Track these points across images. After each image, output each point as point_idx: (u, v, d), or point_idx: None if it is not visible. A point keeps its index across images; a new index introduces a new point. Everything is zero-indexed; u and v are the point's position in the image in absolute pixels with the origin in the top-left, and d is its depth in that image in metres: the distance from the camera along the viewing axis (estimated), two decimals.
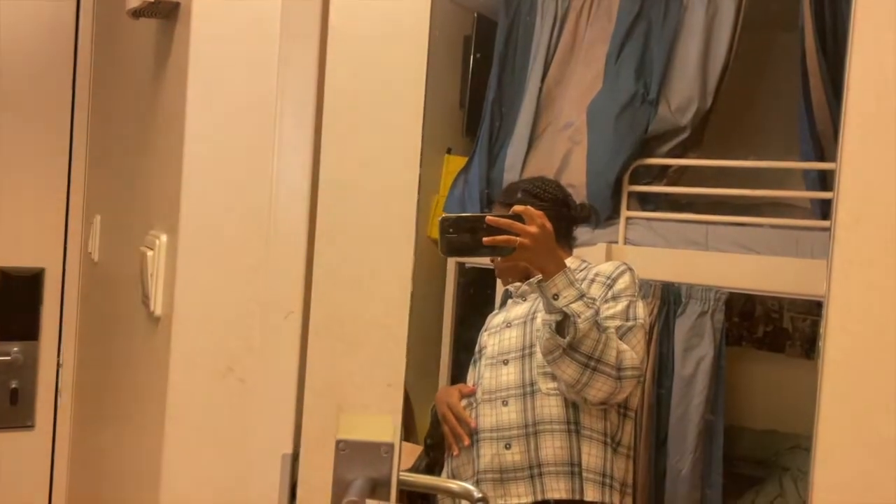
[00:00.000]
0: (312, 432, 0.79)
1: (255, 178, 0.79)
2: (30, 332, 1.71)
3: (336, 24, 0.79)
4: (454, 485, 0.85)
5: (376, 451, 0.78)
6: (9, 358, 1.68)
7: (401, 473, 0.79)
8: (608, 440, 1.58)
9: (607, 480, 1.56)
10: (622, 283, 1.59)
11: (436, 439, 1.66)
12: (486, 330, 1.71)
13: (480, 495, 0.79)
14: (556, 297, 1.45)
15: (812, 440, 0.83)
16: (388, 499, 0.78)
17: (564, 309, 1.44)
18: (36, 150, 1.68)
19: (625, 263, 1.64)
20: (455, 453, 1.60)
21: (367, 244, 0.79)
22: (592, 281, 1.61)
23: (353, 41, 0.79)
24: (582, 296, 1.46)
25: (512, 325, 1.61)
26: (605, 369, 1.46)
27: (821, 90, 2.53)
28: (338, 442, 0.78)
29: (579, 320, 1.43)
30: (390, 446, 0.78)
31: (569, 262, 1.65)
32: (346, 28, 0.79)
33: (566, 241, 1.73)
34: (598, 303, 1.56)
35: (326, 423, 0.79)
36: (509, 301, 1.73)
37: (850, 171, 0.76)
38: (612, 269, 1.62)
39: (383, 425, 0.78)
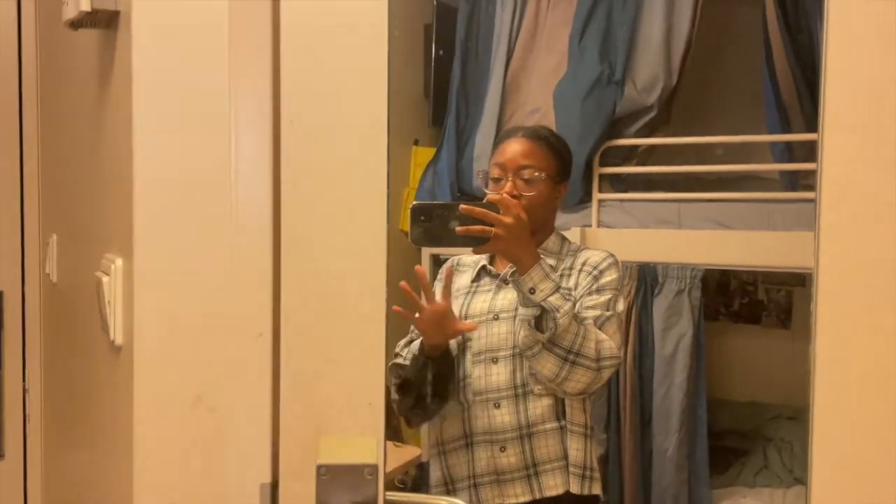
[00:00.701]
0: (291, 459, 0.75)
1: (212, 193, 0.74)
2: None
3: (288, 21, 0.74)
4: (443, 501, 0.82)
5: (360, 474, 0.74)
6: None
7: (387, 494, 0.76)
8: (587, 432, 1.59)
9: (587, 472, 1.57)
10: (608, 276, 1.56)
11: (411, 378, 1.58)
12: (464, 307, 1.62)
13: None
14: (532, 291, 1.42)
15: (796, 408, 0.80)
16: None
17: (543, 303, 1.41)
18: None
19: (612, 255, 1.61)
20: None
21: (337, 257, 0.75)
22: (580, 271, 1.58)
23: (308, 36, 0.74)
24: (558, 288, 1.43)
25: (500, 317, 1.56)
26: (584, 362, 1.44)
27: (784, 61, 2.53)
28: (318, 467, 0.74)
29: (558, 315, 1.41)
30: (374, 468, 0.74)
31: (551, 239, 1.64)
32: (300, 22, 0.74)
33: (553, 209, 1.67)
34: (580, 292, 1.55)
35: (305, 448, 0.75)
36: (486, 278, 1.65)
37: (832, 139, 0.73)
38: (599, 260, 1.59)
39: (366, 447, 0.75)
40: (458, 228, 1.35)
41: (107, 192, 0.89)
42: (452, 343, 1.58)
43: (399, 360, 1.62)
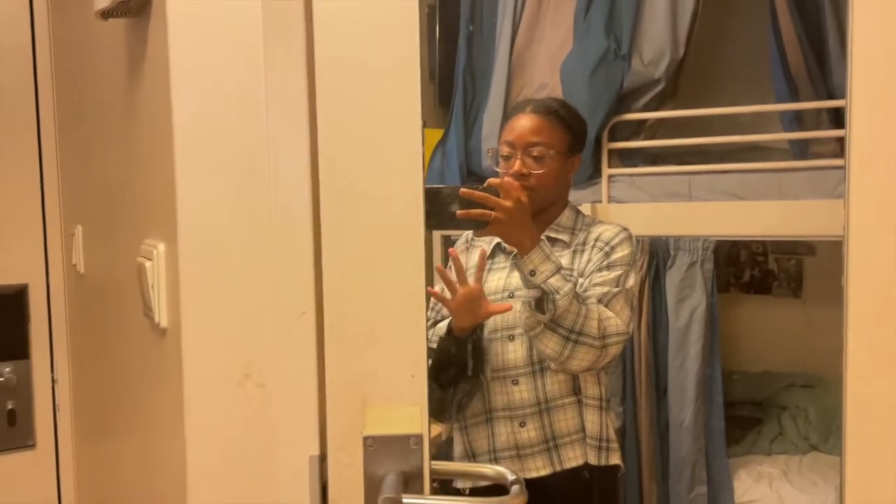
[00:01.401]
0: (338, 431, 0.77)
1: (252, 177, 0.76)
2: (20, 350, 1.66)
3: (321, 8, 0.75)
4: (488, 469, 0.84)
5: (405, 444, 0.77)
6: (2, 378, 1.63)
7: (431, 463, 0.78)
8: (602, 404, 1.61)
9: (604, 444, 1.60)
10: (619, 252, 1.56)
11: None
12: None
13: (514, 477, 0.77)
14: (532, 273, 1.43)
15: (810, 376, 0.82)
16: (421, 491, 0.77)
17: (542, 285, 1.43)
18: (2, 161, 1.62)
19: (626, 230, 1.61)
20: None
21: (376, 236, 0.76)
22: (593, 246, 1.59)
23: (341, 24, 0.76)
24: (559, 269, 1.44)
25: (515, 294, 1.57)
26: (587, 341, 1.46)
27: (791, 29, 2.52)
28: (365, 438, 0.76)
29: (557, 297, 1.42)
30: (419, 437, 0.76)
31: (565, 214, 1.65)
32: (332, 11, 0.75)
33: (565, 184, 1.67)
34: (591, 268, 1.56)
35: (352, 420, 0.77)
36: (501, 255, 1.66)
37: (860, 108, 0.74)
38: (612, 236, 1.59)
39: (410, 417, 0.77)
40: (458, 212, 1.36)
41: (143, 180, 0.91)
42: None
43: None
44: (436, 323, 1.64)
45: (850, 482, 0.78)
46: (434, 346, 1.58)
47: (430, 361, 1.57)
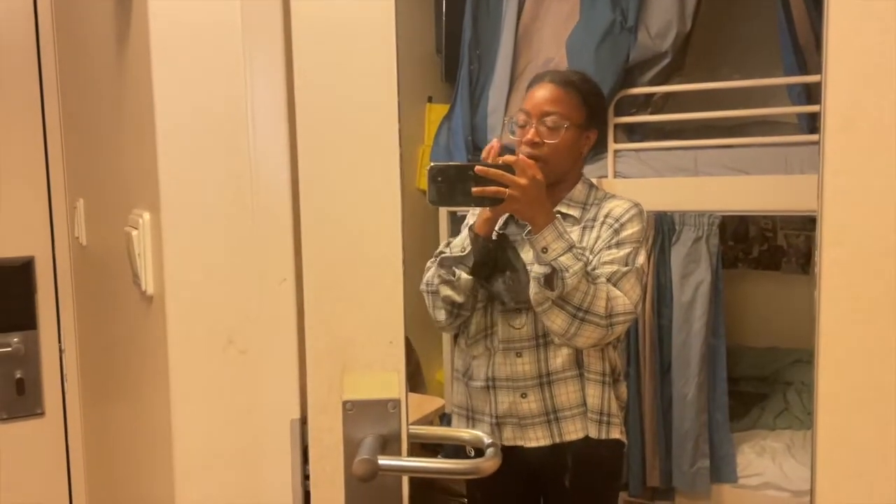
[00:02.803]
0: (318, 395, 0.79)
1: (231, 146, 0.77)
2: (27, 321, 1.70)
3: None
4: (465, 433, 0.86)
5: (383, 408, 0.78)
6: (10, 349, 1.67)
7: (410, 427, 0.80)
8: (606, 379, 1.62)
9: (604, 418, 1.61)
10: (629, 229, 1.55)
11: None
12: None
13: (490, 441, 0.79)
14: (545, 250, 1.44)
15: (814, 353, 0.83)
16: (399, 453, 0.79)
17: (553, 263, 1.43)
18: (9, 138, 1.65)
19: (636, 205, 1.60)
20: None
21: (353, 204, 0.78)
22: (602, 223, 1.58)
23: None
24: (571, 247, 1.45)
25: (526, 268, 1.58)
26: (593, 319, 1.47)
27: (800, 1, 2.49)
28: (344, 402, 0.78)
29: (567, 274, 1.43)
30: (397, 402, 0.78)
31: (577, 188, 1.64)
32: None
33: (579, 158, 1.64)
34: (600, 245, 1.56)
35: (331, 385, 0.79)
36: (513, 227, 1.64)
37: (836, 78, 0.74)
38: (622, 212, 1.58)
39: (388, 382, 0.79)
40: (473, 189, 1.37)
41: (131, 150, 0.93)
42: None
43: (445, 254, 1.59)
44: (449, 244, 1.63)
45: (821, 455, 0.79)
46: (456, 253, 1.57)
47: (462, 264, 1.55)
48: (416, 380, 2.89)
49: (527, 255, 1.56)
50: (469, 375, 1.67)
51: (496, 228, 1.57)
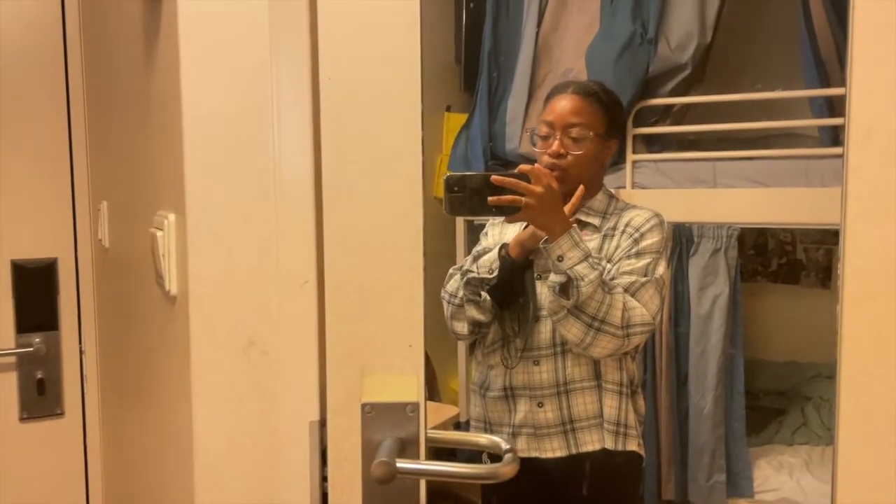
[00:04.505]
0: (338, 398, 0.79)
1: (256, 150, 0.78)
2: (49, 322, 1.73)
3: None
4: (483, 438, 0.86)
5: (402, 412, 0.79)
6: (31, 349, 1.70)
7: (428, 431, 0.80)
8: (623, 389, 1.61)
9: (621, 429, 1.60)
10: (649, 239, 1.55)
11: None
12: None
13: (508, 446, 0.79)
14: (560, 259, 1.44)
15: (833, 368, 0.82)
16: (417, 457, 0.79)
17: (568, 272, 1.43)
18: (36, 142, 1.68)
19: (657, 215, 1.59)
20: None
21: (375, 208, 0.78)
22: (623, 232, 1.58)
23: (343, 2, 0.77)
24: (587, 257, 1.44)
25: (542, 277, 1.57)
26: (609, 329, 1.46)
27: (822, 14, 2.47)
28: (363, 405, 0.79)
29: (582, 284, 1.43)
30: (416, 405, 0.78)
31: (598, 198, 1.64)
32: None
33: (601, 167, 1.65)
34: (619, 255, 1.55)
35: (351, 387, 0.79)
36: (542, 261, 1.62)
37: (860, 91, 0.74)
38: (642, 222, 1.57)
39: (407, 385, 0.79)
40: (489, 198, 1.37)
41: (157, 152, 0.94)
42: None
43: (473, 274, 1.59)
44: (477, 256, 1.63)
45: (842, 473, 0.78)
46: (483, 275, 1.57)
47: (488, 285, 1.56)
48: (430, 388, 2.89)
49: (542, 293, 1.56)
50: (486, 386, 1.67)
51: (529, 256, 1.57)
